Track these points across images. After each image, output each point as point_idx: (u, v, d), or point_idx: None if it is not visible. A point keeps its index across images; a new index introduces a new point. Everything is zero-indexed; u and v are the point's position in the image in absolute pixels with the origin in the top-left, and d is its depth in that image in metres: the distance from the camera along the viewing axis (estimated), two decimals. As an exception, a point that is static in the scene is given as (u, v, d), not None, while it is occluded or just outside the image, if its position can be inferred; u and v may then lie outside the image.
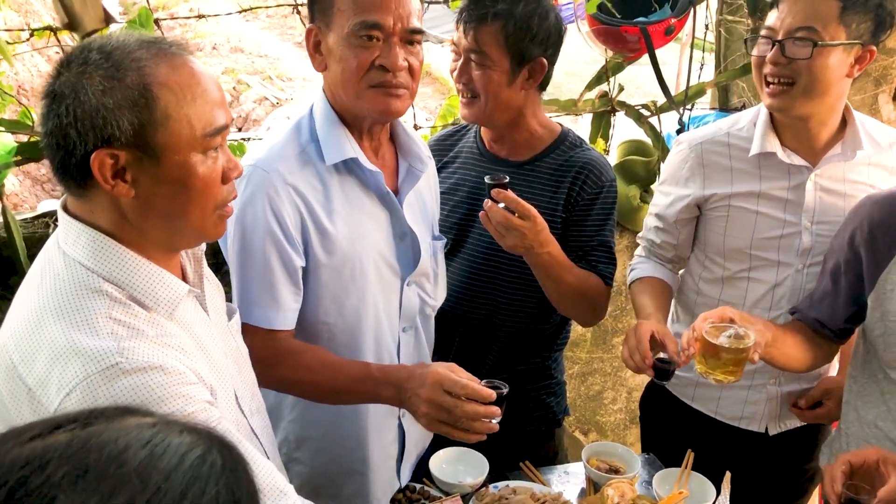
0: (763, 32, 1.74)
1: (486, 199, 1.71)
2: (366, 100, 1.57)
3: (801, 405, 1.95)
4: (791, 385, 1.97)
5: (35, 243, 2.26)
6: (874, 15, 1.67)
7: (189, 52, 1.14)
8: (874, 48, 1.71)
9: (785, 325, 1.78)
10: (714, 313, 1.61)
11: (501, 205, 1.69)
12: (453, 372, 1.48)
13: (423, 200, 1.83)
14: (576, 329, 3.06)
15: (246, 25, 18.51)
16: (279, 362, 1.59)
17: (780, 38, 1.68)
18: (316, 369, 1.60)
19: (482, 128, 2.02)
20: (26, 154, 2.32)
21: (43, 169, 8.34)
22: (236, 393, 1.27)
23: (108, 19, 1.09)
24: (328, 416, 1.73)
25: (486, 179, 1.71)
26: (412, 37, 1.56)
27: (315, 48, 1.60)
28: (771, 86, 1.72)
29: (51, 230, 2.51)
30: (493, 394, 1.45)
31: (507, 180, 1.70)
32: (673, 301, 2.09)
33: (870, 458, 1.45)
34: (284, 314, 1.60)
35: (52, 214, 2.56)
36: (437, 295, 1.88)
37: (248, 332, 1.58)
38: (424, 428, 1.51)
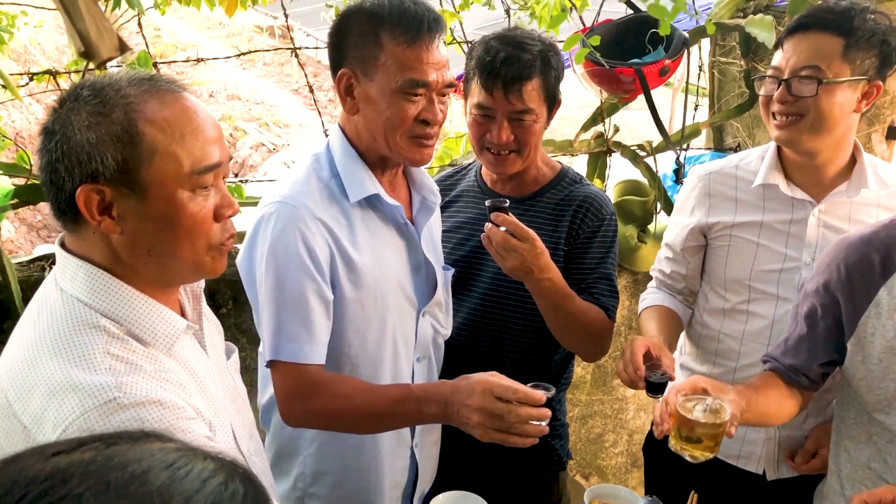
0: (769, 72, 1.77)
1: (486, 222, 1.72)
2: (404, 149, 1.63)
3: (797, 462, 1.92)
4: (789, 430, 1.93)
5: (30, 287, 2.24)
6: (878, 51, 1.69)
7: (183, 89, 1.14)
8: (881, 83, 1.73)
9: (757, 383, 1.73)
10: (686, 384, 1.57)
11: (502, 228, 1.71)
12: (499, 378, 1.49)
13: (433, 229, 1.87)
14: (575, 371, 3.03)
15: (243, 73, 18.76)
16: (314, 394, 1.58)
17: (785, 76, 1.71)
18: (354, 395, 1.58)
19: (483, 167, 2.03)
20: (23, 197, 2.31)
21: (39, 215, 8.35)
22: (235, 433, 1.25)
23: (122, 48, 1.09)
24: (348, 449, 1.73)
25: (487, 203, 1.73)
26: (447, 91, 1.63)
27: (347, 91, 1.64)
28: (778, 118, 1.74)
29: (46, 273, 2.49)
30: (543, 396, 1.46)
31: (507, 204, 1.72)
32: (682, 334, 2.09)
33: (885, 498, 1.41)
34: (319, 347, 1.60)
35: (47, 258, 2.55)
36: (448, 324, 1.91)
37: (278, 368, 1.60)
38: (478, 438, 1.48)
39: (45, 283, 1.17)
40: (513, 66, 1.78)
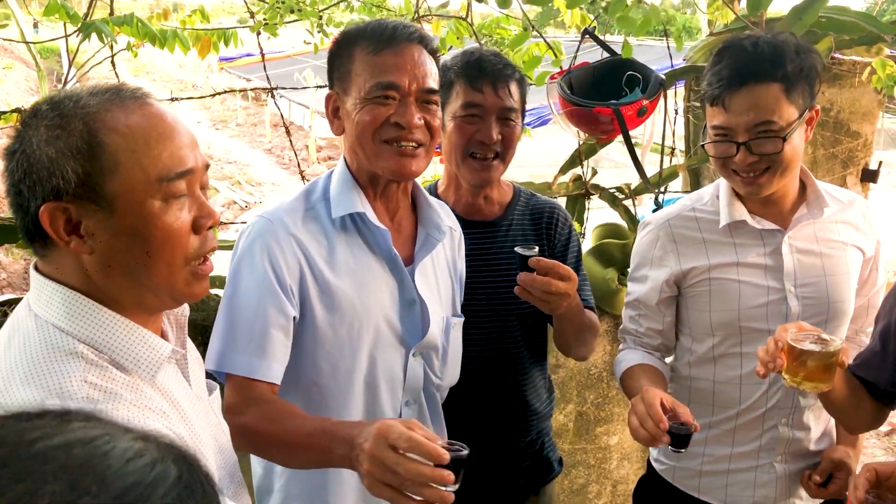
0: (717, 132, 1.71)
1: (520, 273, 1.68)
2: (381, 158, 1.57)
3: (815, 481, 1.86)
4: (798, 462, 1.89)
5: (-11, 332, 2.14)
6: (807, 80, 1.69)
7: (148, 96, 1.08)
8: (818, 107, 1.75)
9: None
10: (790, 325, 1.58)
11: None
12: (410, 427, 1.24)
13: (441, 271, 1.79)
14: (557, 419, 2.96)
15: (216, 133, 18.83)
16: (245, 410, 1.46)
17: (741, 139, 1.67)
18: (277, 420, 1.44)
19: (448, 195, 1.99)
20: (-16, 239, 2.24)
21: (3, 273, 8.17)
22: (216, 471, 1.17)
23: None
24: (312, 489, 1.63)
25: (518, 250, 1.70)
26: (428, 97, 1.59)
27: (334, 113, 1.65)
28: (743, 176, 1.72)
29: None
30: (442, 453, 1.19)
31: (536, 249, 1.70)
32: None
33: None
34: (269, 364, 1.50)
35: (9, 303, 2.45)
36: (446, 375, 1.79)
37: (227, 381, 1.51)
38: (367, 490, 1.26)
39: (18, 309, 1.09)
40: (498, 65, 1.85)
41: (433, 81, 1.60)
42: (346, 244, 1.62)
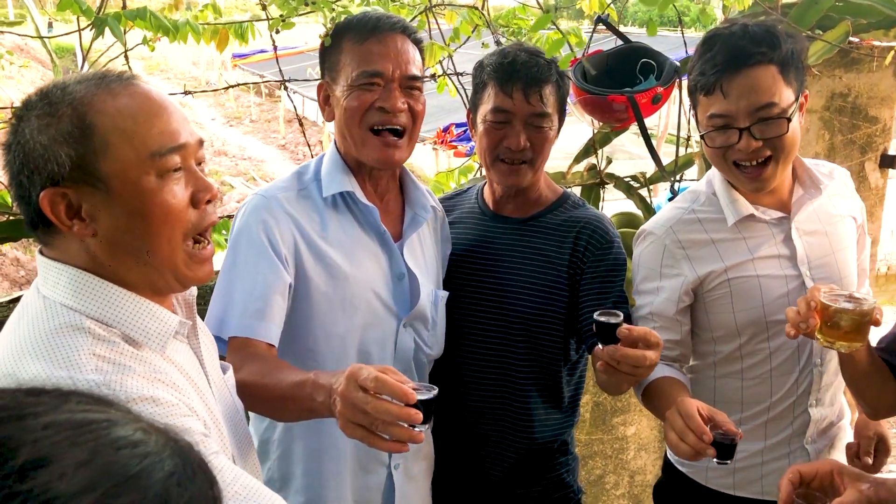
0: (715, 122, 1.67)
1: (604, 346, 1.48)
2: (367, 146, 1.67)
3: (867, 463, 1.90)
4: (823, 439, 1.88)
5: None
6: (797, 65, 1.67)
7: (134, 78, 1.10)
8: (807, 92, 1.75)
9: None
10: (822, 286, 1.57)
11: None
12: (383, 371, 1.23)
13: (427, 248, 1.85)
14: (574, 409, 2.95)
15: (230, 130, 18.92)
16: (241, 367, 1.46)
17: (743, 125, 1.63)
18: (266, 373, 1.46)
19: (486, 187, 2.00)
20: (2, 233, 2.25)
21: (22, 270, 8.25)
22: (232, 449, 1.18)
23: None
24: (311, 452, 1.69)
25: (598, 318, 1.50)
26: (411, 83, 1.68)
27: (325, 101, 1.76)
28: (747, 168, 1.68)
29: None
30: (408, 392, 1.19)
31: (622, 316, 1.51)
32: None
33: (822, 470, 1.37)
34: (267, 325, 1.56)
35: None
36: (435, 345, 1.84)
37: (228, 344, 1.56)
38: (342, 431, 1.27)
39: (27, 294, 1.12)
40: (532, 69, 1.79)
41: (416, 69, 1.69)
42: (338, 221, 1.70)
